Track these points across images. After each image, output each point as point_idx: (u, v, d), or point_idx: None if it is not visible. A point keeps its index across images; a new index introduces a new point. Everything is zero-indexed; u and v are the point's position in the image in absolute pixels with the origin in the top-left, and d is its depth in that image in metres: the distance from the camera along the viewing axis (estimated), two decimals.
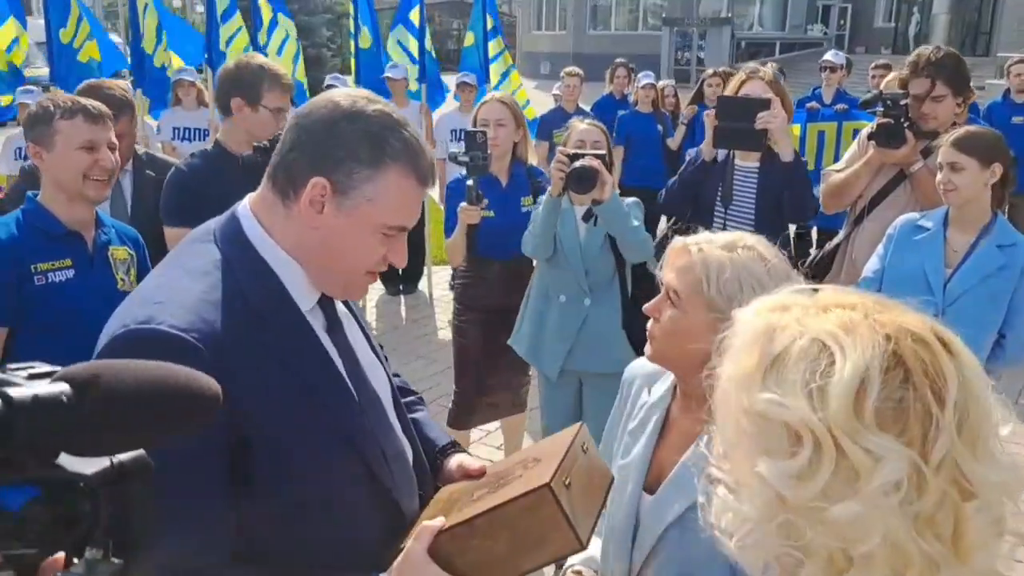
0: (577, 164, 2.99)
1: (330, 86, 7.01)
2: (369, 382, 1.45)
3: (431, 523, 1.28)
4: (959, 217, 3.07)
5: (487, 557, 1.24)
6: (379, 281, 5.20)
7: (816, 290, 0.88)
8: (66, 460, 0.64)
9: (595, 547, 1.75)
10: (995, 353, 3.03)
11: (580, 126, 3.31)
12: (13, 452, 0.59)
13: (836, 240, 3.82)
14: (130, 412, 0.68)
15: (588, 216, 3.23)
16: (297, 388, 1.30)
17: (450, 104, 7.66)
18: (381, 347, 1.66)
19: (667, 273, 1.57)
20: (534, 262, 3.49)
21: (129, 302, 1.29)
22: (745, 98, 3.27)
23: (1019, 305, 3.00)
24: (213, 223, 1.41)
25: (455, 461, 1.58)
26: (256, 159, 2.84)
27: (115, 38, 6.38)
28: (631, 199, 3.27)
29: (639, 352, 3.27)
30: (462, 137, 7.57)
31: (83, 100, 2.39)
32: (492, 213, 3.38)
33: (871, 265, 3.25)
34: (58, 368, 0.66)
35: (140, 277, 2.59)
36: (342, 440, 1.34)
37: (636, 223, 3.19)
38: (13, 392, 0.60)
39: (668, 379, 1.68)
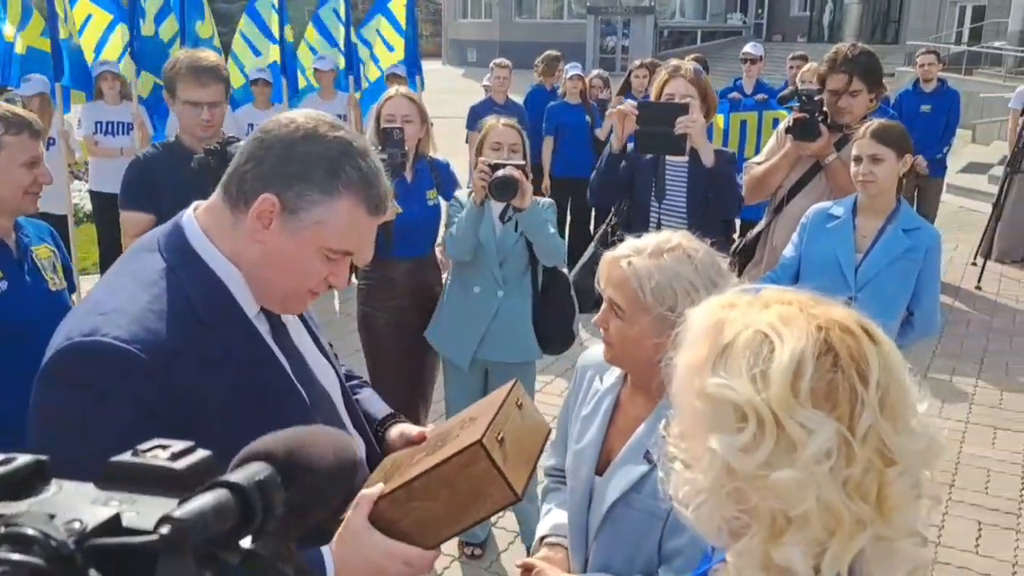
0: (499, 174, 3.13)
1: (257, 79, 6.95)
2: (318, 382, 1.48)
3: (369, 491, 1.32)
4: (868, 205, 3.27)
5: (428, 516, 1.30)
6: None
7: (758, 290, 1.01)
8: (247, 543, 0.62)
9: (563, 515, 1.88)
10: (904, 330, 3.26)
11: (498, 127, 3.41)
12: (258, 544, 0.59)
13: (758, 228, 4.02)
14: (328, 489, 0.70)
15: (503, 214, 3.35)
16: (247, 393, 1.31)
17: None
18: (331, 345, 1.70)
19: (606, 288, 1.69)
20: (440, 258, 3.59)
21: (75, 313, 1.29)
22: (664, 104, 3.39)
23: (924, 284, 3.23)
24: (157, 232, 1.41)
25: (396, 431, 1.64)
26: (207, 161, 2.82)
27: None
28: (545, 200, 3.42)
29: (543, 343, 3.53)
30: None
31: (23, 113, 2.32)
32: (401, 210, 3.42)
33: (787, 252, 3.44)
34: (190, 443, 0.64)
35: (65, 271, 2.54)
36: None
37: (552, 229, 3.37)
38: (239, 479, 0.59)
39: (617, 369, 1.81)
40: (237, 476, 0.60)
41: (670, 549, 1.62)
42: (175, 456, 0.61)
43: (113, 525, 0.52)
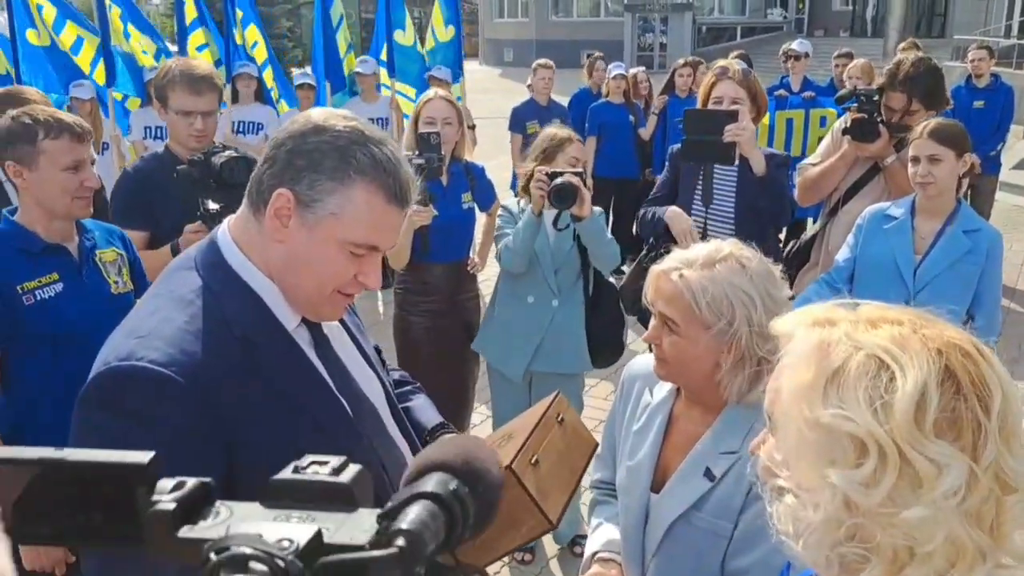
0: (558, 181, 3.11)
1: (302, 84, 7.02)
2: (363, 394, 1.44)
3: None
4: (927, 206, 3.18)
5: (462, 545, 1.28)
6: None
7: (856, 304, 0.95)
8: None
9: (614, 531, 1.85)
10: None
11: (574, 143, 3.38)
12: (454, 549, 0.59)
13: (812, 231, 3.93)
14: (496, 498, 0.69)
15: (556, 220, 3.31)
16: (288, 409, 1.29)
17: None
18: (379, 350, 1.67)
19: (656, 303, 1.63)
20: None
21: (113, 337, 1.29)
22: (712, 111, 3.27)
23: (986, 287, 3.13)
24: (194, 249, 1.40)
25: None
26: (189, 171, 2.78)
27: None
28: (596, 208, 3.36)
29: (593, 354, 3.46)
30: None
31: (65, 117, 2.31)
32: (437, 213, 3.40)
33: (842, 254, 3.36)
34: (332, 457, 0.64)
35: (134, 273, 2.54)
36: (334, 450, 1.32)
37: (609, 236, 3.36)
38: (438, 489, 0.59)
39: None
40: (432, 487, 0.60)
41: (738, 568, 1.57)
42: (336, 471, 0.61)
43: (319, 542, 0.53)
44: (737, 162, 3.25)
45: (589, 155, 7.31)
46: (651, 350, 1.75)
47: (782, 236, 4.38)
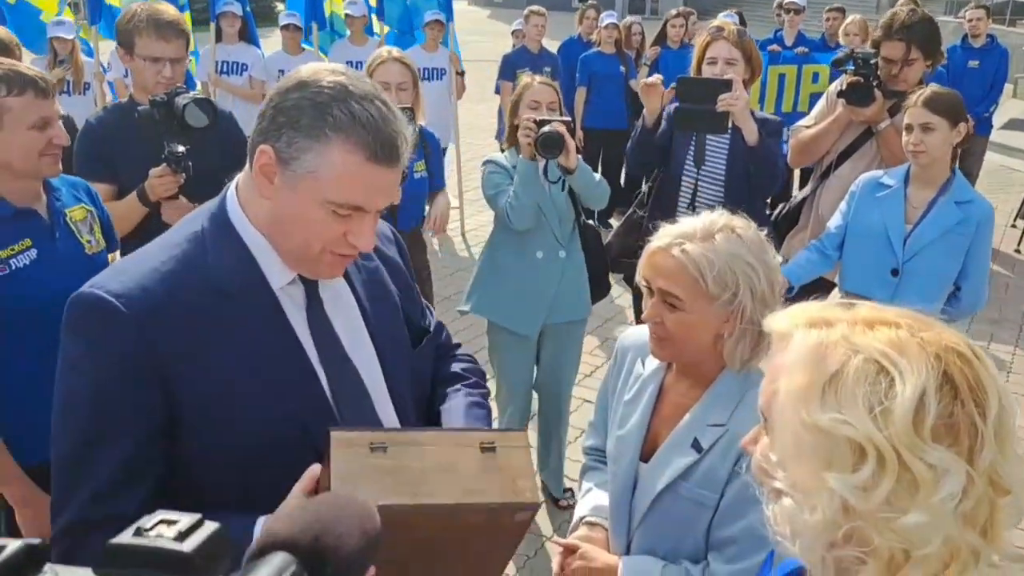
0: (545, 129, 3.05)
1: (287, 24, 6.83)
2: (350, 366, 1.41)
3: (318, 466, 1.24)
4: (921, 175, 3.17)
5: None
6: None
7: (852, 304, 0.95)
8: None
9: (603, 496, 1.87)
10: (950, 303, 3.19)
11: (534, 86, 3.30)
12: None
13: (802, 194, 3.92)
14: (354, 568, 0.66)
15: (546, 172, 3.27)
16: (247, 368, 1.28)
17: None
18: (428, 309, 1.63)
19: (655, 280, 1.61)
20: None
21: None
22: (706, 80, 3.24)
23: (973, 259, 3.14)
24: (210, 201, 1.41)
25: None
26: (151, 113, 2.68)
27: None
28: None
29: (594, 298, 3.50)
30: None
31: (27, 71, 2.14)
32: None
33: (834, 220, 3.36)
34: (185, 516, 0.59)
35: (105, 229, 2.43)
36: (294, 427, 1.31)
37: (597, 177, 3.33)
38: None
39: None
40: (262, 574, 0.56)
41: (723, 537, 1.60)
42: (182, 535, 0.57)
43: None
44: (730, 129, 3.23)
45: (579, 106, 7.22)
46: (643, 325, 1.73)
47: (769, 199, 4.37)
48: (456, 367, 1.65)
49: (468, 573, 1.31)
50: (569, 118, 3.17)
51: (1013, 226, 7.70)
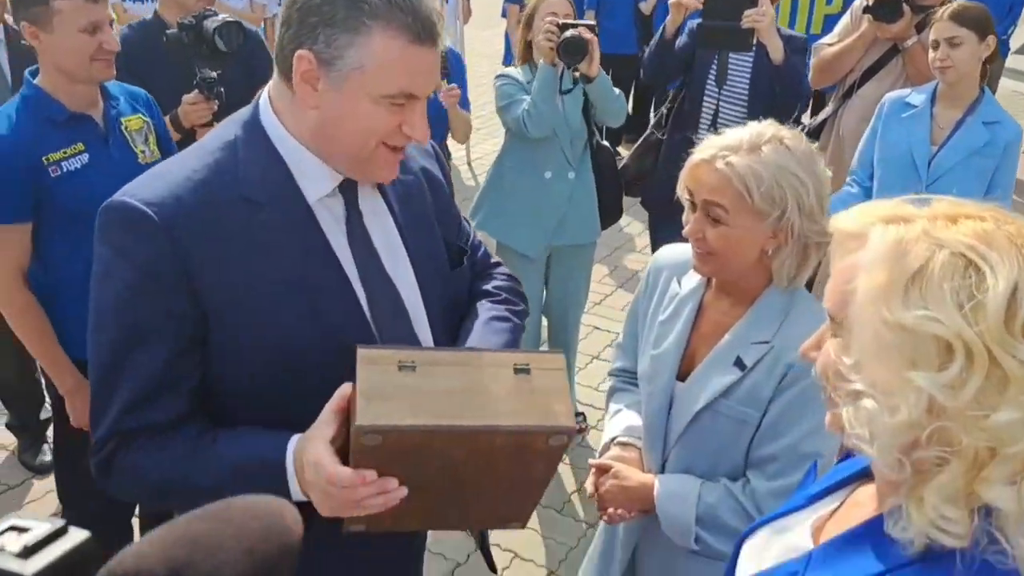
0: (568, 34, 2.94)
1: None
2: (389, 283, 1.36)
3: (349, 385, 1.19)
4: (948, 93, 3.08)
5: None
6: None
7: (926, 199, 0.90)
8: None
9: (635, 417, 1.85)
10: None
11: None
12: None
13: (824, 114, 3.82)
14: None
15: (563, 88, 3.17)
16: (279, 278, 1.24)
17: None
18: (466, 222, 1.59)
19: (698, 192, 1.55)
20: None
21: None
22: None
23: (998, 182, 3.08)
24: (247, 107, 1.34)
25: None
26: (179, 36, 2.64)
27: None
28: None
29: (603, 220, 3.43)
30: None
31: None
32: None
33: (863, 144, 3.29)
34: (44, 524, 0.50)
35: (161, 140, 2.47)
36: (330, 343, 1.26)
37: (617, 91, 3.24)
38: None
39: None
40: None
41: (764, 455, 1.58)
42: (28, 550, 0.48)
43: None
44: (754, 46, 3.13)
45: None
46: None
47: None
48: (489, 285, 1.60)
49: (502, 499, 1.27)
50: (594, 22, 3.07)
51: None
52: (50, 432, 3.25)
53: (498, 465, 1.16)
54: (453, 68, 3.51)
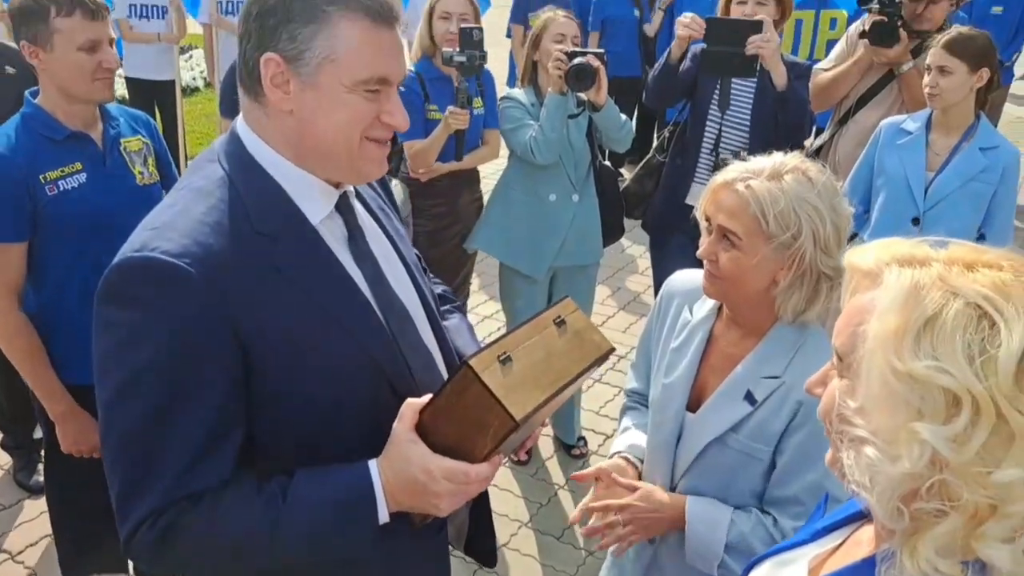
0: (579, 60, 2.99)
1: None
2: (394, 293, 1.39)
3: (415, 401, 1.26)
4: (943, 120, 3.11)
5: (446, 441, 1.24)
6: None
7: (943, 242, 0.89)
8: None
9: (640, 437, 1.86)
10: None
11: (559, 19, 3.25)
12: None
13: (820, 140, 3.85)
14: None
15: (569, 112, 3.22)
16: (310, 307, 1.25)
17: None
18: (419, 257, 1.62)
19: (716, 215, 1.57)
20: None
21: (136, 230, 1.25)
22: (735, 20, 3.15)
23: (998, 207, 3.10)
24: (217, 142, 1.34)
25: None
26: None
27: None
28: None
29: (606, 238, 3.48)
30: None
31: None
32: (473, 114, 3.25)
33: (855, 169, 3.32)
34: None
35: (160, 163, 2.48)
36: (362, 358, 1.30)
37: (623, 117, 3.29)
38: None
39: (710, 300, 1.73)
40: None
41: (786, 497, 1.58)
42: None
43: None
44: (757, 72, 3.16)
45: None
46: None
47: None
48: (438, 289, 1.73)
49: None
50: (603, 51, 3.12)
51: None
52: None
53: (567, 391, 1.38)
54: (487, 86, 3.53)
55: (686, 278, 1.81)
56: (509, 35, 7.35)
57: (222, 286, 1.17)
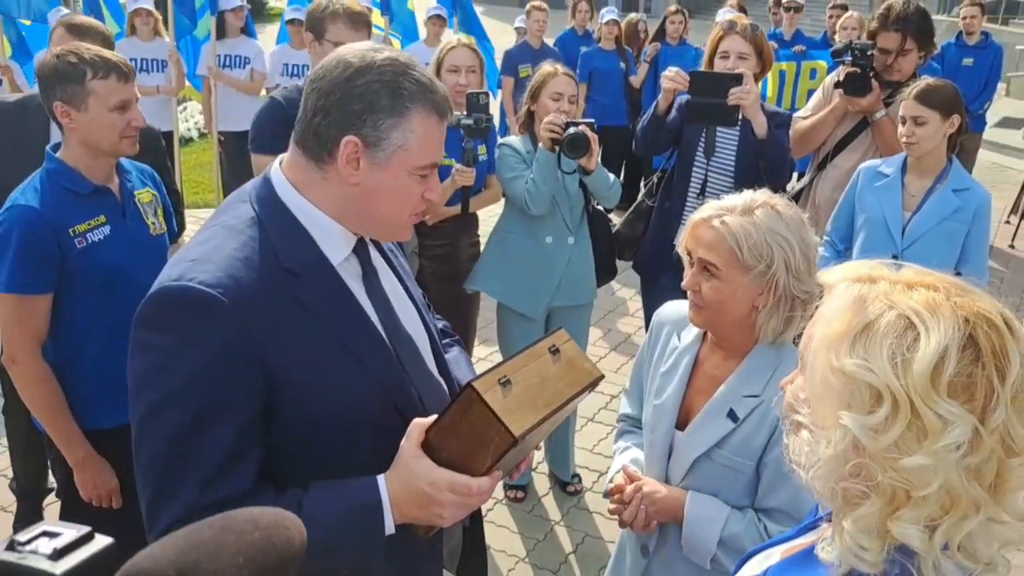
0: (573, 131, 3.18)
1: (292, 19, 6.89)
2: (404, 329, 1.51)
3: (421, 421, 1.36)
4: (916, 165, 3.27)
5: (450, 457, 1.33)
6: None
7: (900, 265, 1.02)
8: None
9: (640, 453, 1.98)
10: None
11: (559, 76, 3.39)
12: None
13: (800, 184, 4.02)
14: None
15: (560, 164, 3.37)
16: (330, 341, 1.36)
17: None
18: (424, 294, 1.74)
19: (696, 249, 1.71)
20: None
21: (170, 262, 1.37)
22: (717, 74, 3.33)
23: (972, 245, 3.24)
24: (249, 185, 1.47)
25: None
26: None
27: None
28: None
29: (599, 278, 3.62)
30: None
31: (109, 56, 2.29)
32: (475, 169, 3.41)
33: (836, 210, 3.47)
34: (86, 530, 0.55)
35: (165, 214, 2.58)
36: (377, 391, 1.41)
37: (612, 178, 3.47)
38: None
39: (695, 327, 1.86)
40: None
41: (771, 508, 1.70)
42: (58, 552, 0.53)
43: None
44: (740, 121, 3.32)
45: (580, 103, 7.27)
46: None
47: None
48: (439, 323, 1.81)
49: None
50: (593, 120, 3.30)
51: (1007, 222, 7.80)
52: (47, 503, 3.32)
53: (560, 413, 1.47)
54: (491, 136, 3.69)
55: (675, 308, 1.94)
56: (499, 85, 7.57)
57: (250, 315, 1.28)
